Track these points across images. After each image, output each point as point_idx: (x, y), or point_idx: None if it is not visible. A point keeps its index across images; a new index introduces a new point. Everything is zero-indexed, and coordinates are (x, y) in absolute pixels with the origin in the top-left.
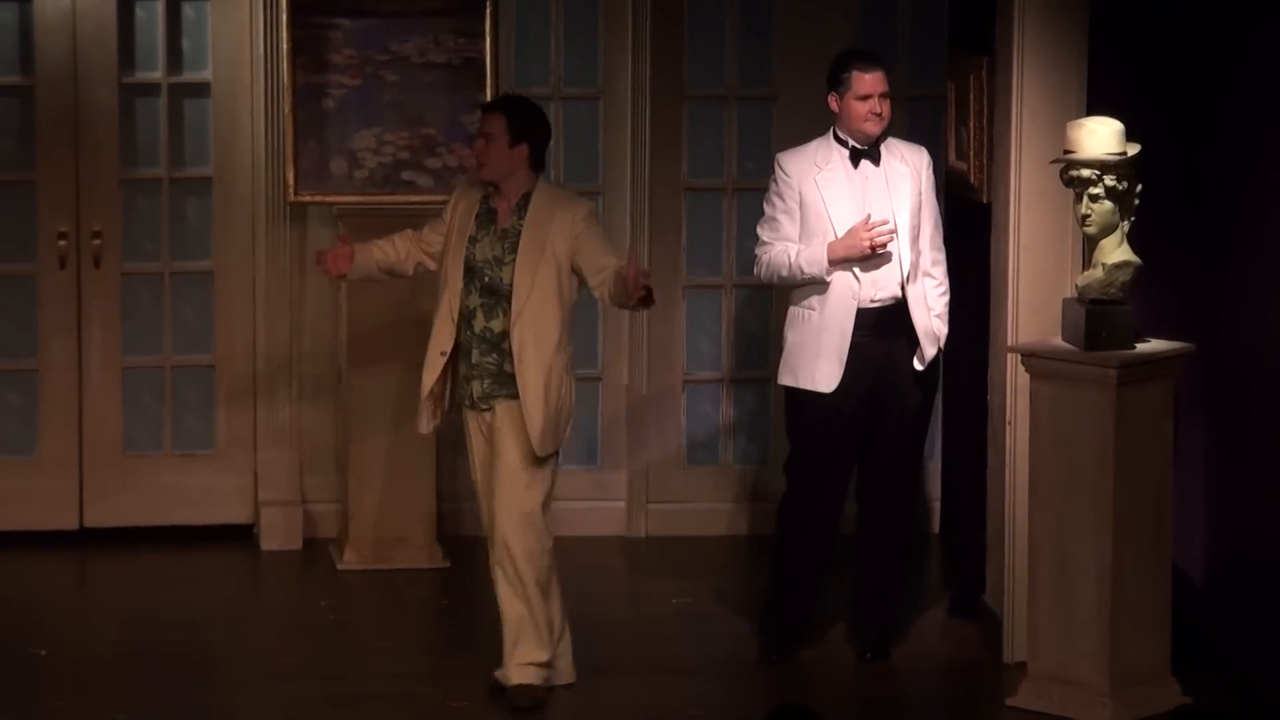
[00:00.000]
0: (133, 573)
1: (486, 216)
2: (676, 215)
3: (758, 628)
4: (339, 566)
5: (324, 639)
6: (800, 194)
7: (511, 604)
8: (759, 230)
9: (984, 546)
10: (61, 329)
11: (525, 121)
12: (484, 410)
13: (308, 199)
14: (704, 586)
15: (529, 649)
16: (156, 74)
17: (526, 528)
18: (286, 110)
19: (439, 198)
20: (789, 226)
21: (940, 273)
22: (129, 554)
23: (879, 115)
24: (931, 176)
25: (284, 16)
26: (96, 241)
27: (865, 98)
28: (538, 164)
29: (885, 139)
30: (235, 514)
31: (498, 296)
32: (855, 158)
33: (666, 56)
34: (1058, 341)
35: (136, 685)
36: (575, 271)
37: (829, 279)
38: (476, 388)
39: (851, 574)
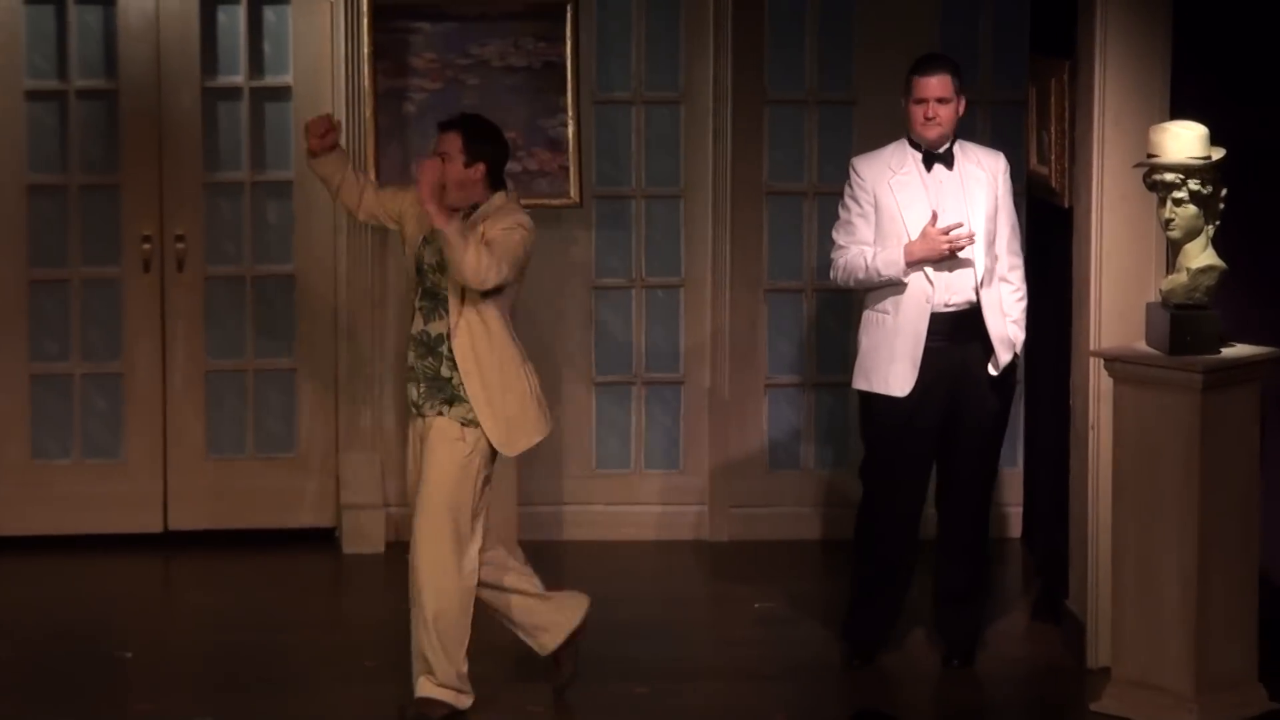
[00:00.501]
0: (216, 576)
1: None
2: (757, 219)
3: (840, 632)
4: None
5: (405, 643)
6: (875, 197)
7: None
8: (834, 234)
9: (1066, 551)
10: (145, 332)
11: (481, 141)
12: (418, 417)
13: None
14: (785, 591)
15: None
16: (238, 78)
17: (435, 553)
18: (368, 114)
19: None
20: (864, 230)
21: (1018, 278)
22: (212, 557)
23: (931, 120)
24: (1009, 181)
25: (365, 20)
26: (180, 245)
27: (920, 102)
28: (496, 182)
29: (958, 143)
30: (317, 517)
31: (436, 300)
32: (928, 161)
33: (747, 60)
34: (1142, 346)
35: (220, 688)
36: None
37: (906, 281)
38: (413, 391)
39: (934, 579)
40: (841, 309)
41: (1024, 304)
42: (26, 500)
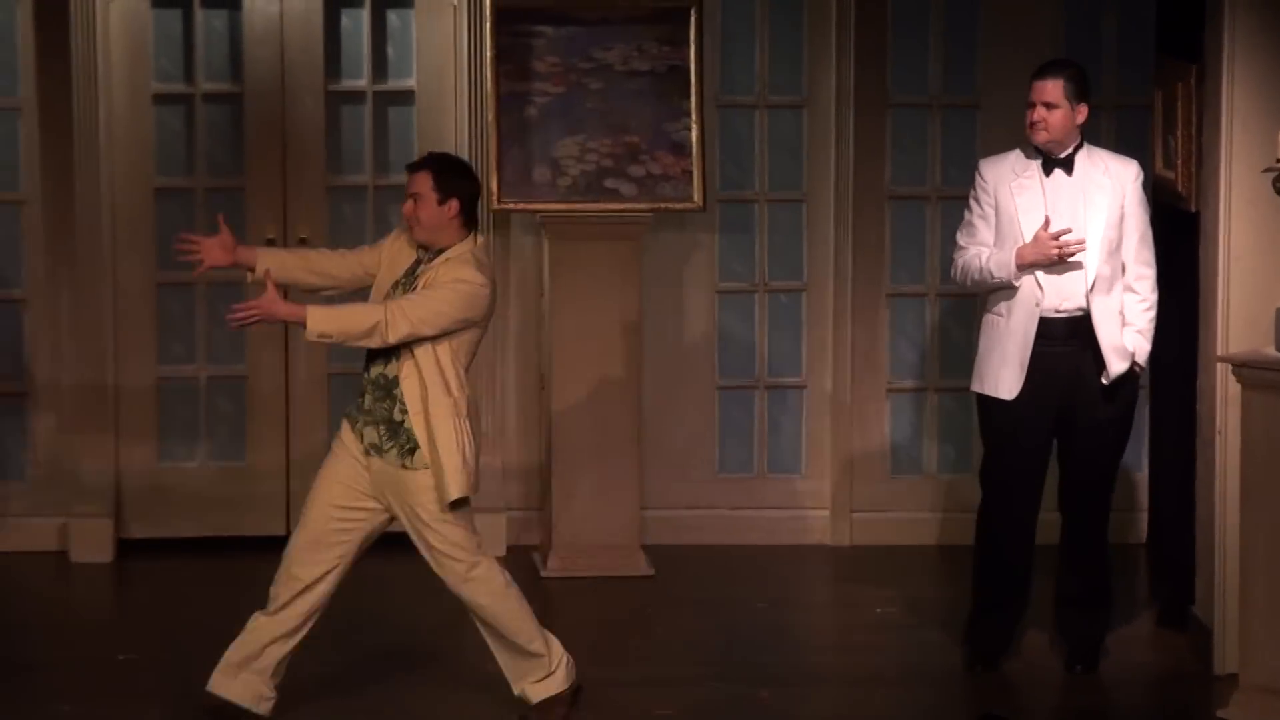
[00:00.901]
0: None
1: (414, 265)
2: (880, 223)
3: (962, 637)
4: (542, 574)
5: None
6: (996, 200)
7: None
8: (957, 234)
9: (1192, 557)
10: (269, 335)
11: (452, 177)
12: (372, 456)
13: (511, 207)
14: (908, 595)
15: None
16: (362, 82)
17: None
18: (490, 118)
19: (642, 206)
20: (984, 232)
21: (1145, 288)
22: None
23: (1038, 124)
24: (1139, 190)
25: (488, 25)
26: None
27: (1030, 105)
28: (470, 221)
29: (1085, 148)
30: None
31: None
32: (1048, 166)
33: (870, 64)
34: (1270, 351)
35: (345, 689)
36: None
37: (1017, 284)
38: (371, 435)
39: (1056, 583)
40: (963, 313)
41: (1151, 314)
42: (154, 503)
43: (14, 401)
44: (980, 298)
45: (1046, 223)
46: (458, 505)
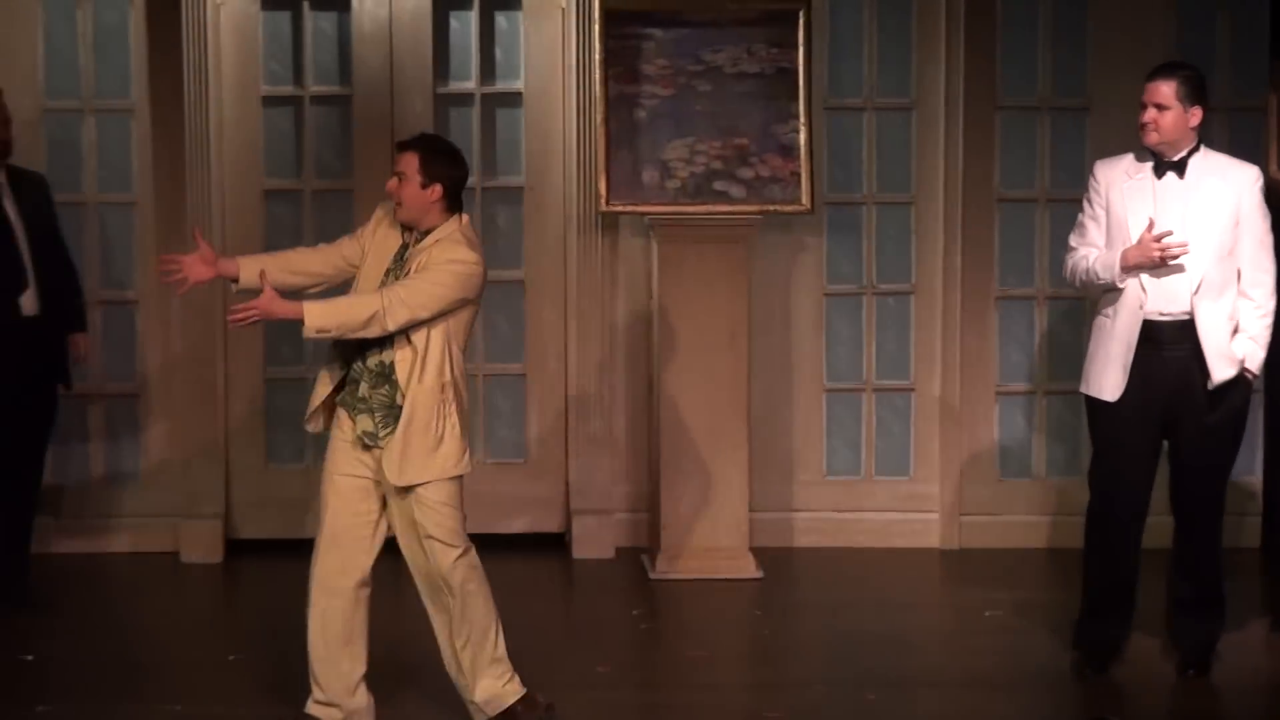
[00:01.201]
0: None
1: (401, 250)
2: (989, 226)
3: (1072, 640)
4: (651, 576)
5: (637, 648)
6: (1107, 201)
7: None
8: (1070, 235)
9: None
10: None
11: (438, 162)
12: (370, 448)
13: (620, 209)
14: (1017, 598)
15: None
16: (470, 84)
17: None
18: (599, 120)
19: (750, 208)
20: (1095, 233)
21: (1261, 295)
22: None
23: (1148, 125)
24: (1257, 195)
25: (596, 27)
26: None
27: (1143, 107)
28: (453, 205)
29: (1201, 152)
30: (548, 522)
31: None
32: (1160, 169)
33: (979, 66)
34: None
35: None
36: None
37: (1121, 286)
38: (366, 422)
39: (1168, 586)
40: (1073, 316)
41: (1267, 320)
42: (262, 504)
43: (127, 403)
44: (1091, 299)
45: (1150, 225)
46: (445, 487)
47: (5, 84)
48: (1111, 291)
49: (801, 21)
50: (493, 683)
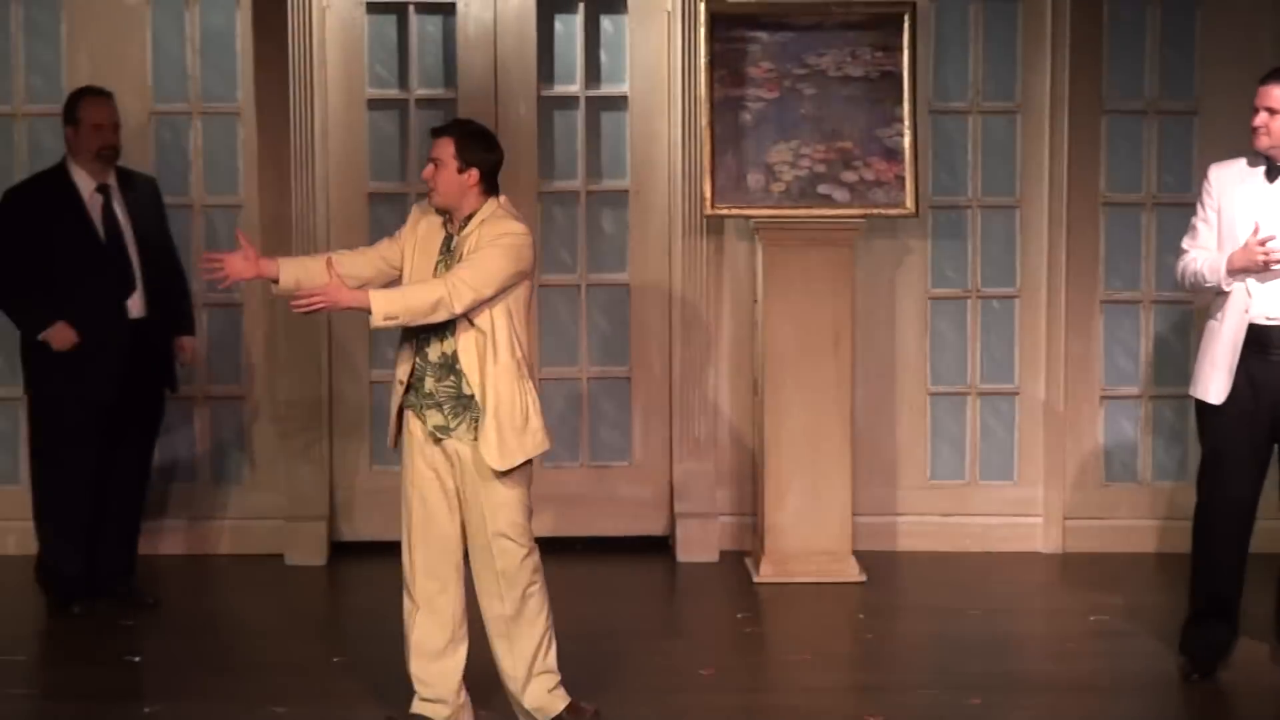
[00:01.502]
0: (553, 583)
1: (446, 241)
2: (1094, 229)
3: (1178, 645)
4: (755, 579)
5: (741, 651)
6: (1219, 204)
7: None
8: (1184, 238)
9: None
10: None
11: (474, 147)
12: (440, 441)
13: (725, 212)
14: (1123, 603)
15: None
16: (574, 87)
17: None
18: (704, 123)
19: (855, 212)
20: (1206, 235)
21: None
22: (548, 564)
23: (1259, 129)
24: None
25: (702, 30)
26: None
27: (1254, 111)
28: (490, 188)
29: None
30: (651, 525)
31: (449, 320)
32: (1272, 173)
33: (1085, 70)
34: None
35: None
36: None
37: (1227, 289)
38: (435, 417)
39: (1276, 592)
40: (1179, 319)
41: None
42: (366, 506)
43: (233, 405)
44: (1200, 304)
45: (1256, 229)
46: (519, 483)
47: (115, 88)
48: (1221, 295)
49: (906, 25)
50: (541, 690)
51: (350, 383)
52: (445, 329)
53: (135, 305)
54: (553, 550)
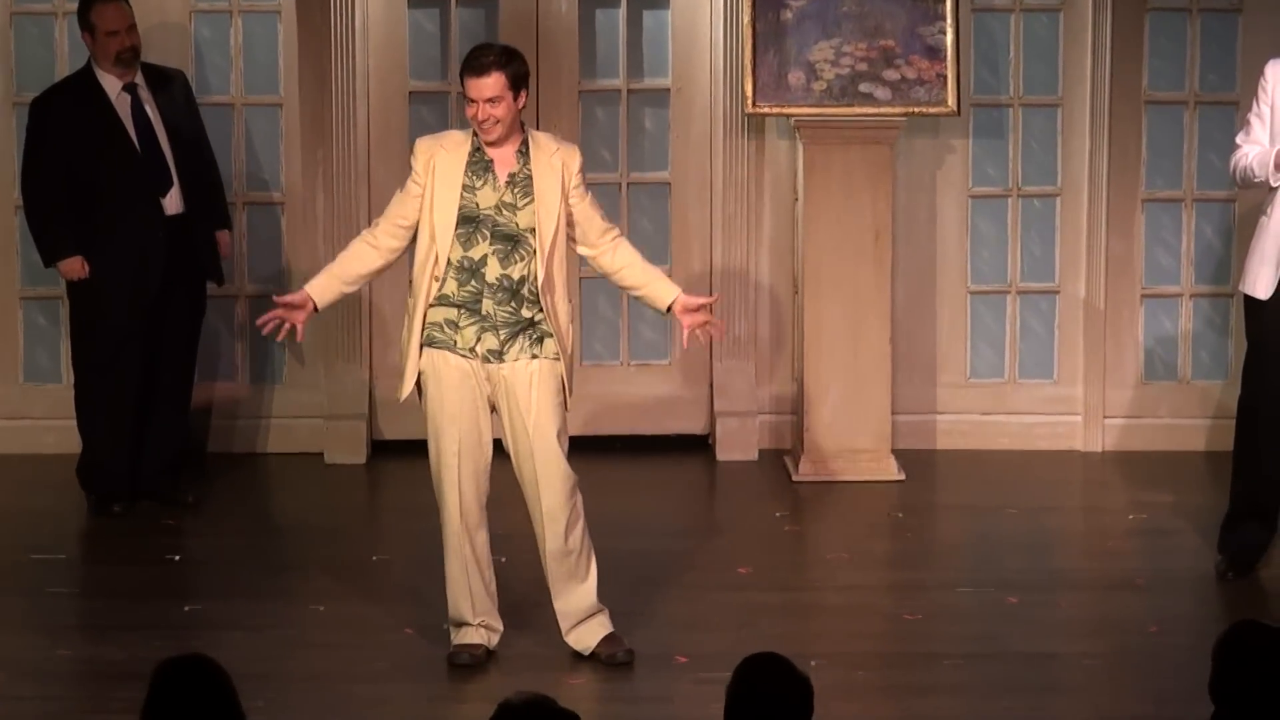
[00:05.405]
0: (590, 481)
1: (482, 166)
2: (1136, 128)
3: (1217, 544)
4: (794, 478)
5: (779, 550)
6: (1273, 100)
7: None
8: (1237, 133)
9: None
10: None
11: (519, 70)
12: (491, 363)
13: (766, 111)
14: (1161, 502)
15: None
16: None
17: (570, 483)
18: (746, 22)
19: (896, 110)
20: (1260, 131)
21: None
22: (588, 463)
23: None
24: None
25: None
26: None
27: None
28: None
29: None
30: (691, 424)
31: (514, 242)
32: None
33: None
34: None
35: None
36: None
37: (1275, 184)
38: (491, 340)
39: None
40: (1220, 219)
41: None
42: (406, 405)
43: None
44: (1247, 201)
45: None
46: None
47: None
48: (1271, 190)
49: None
50: (585, 619)
51: (390, 282)
52: (511, 255)
53: (172, 202)
54: (591, 449)
